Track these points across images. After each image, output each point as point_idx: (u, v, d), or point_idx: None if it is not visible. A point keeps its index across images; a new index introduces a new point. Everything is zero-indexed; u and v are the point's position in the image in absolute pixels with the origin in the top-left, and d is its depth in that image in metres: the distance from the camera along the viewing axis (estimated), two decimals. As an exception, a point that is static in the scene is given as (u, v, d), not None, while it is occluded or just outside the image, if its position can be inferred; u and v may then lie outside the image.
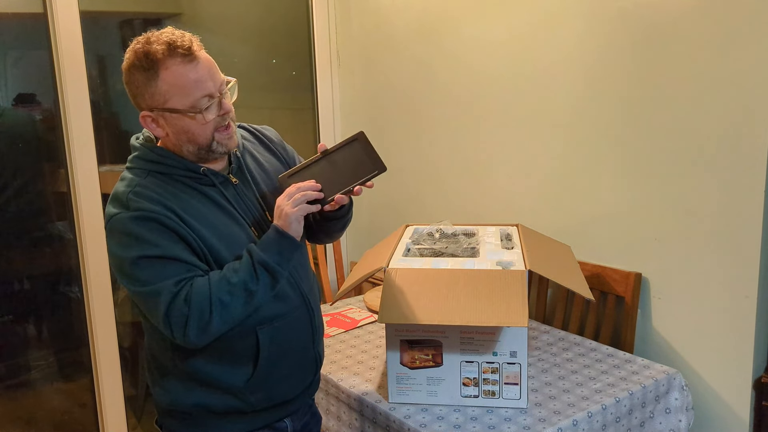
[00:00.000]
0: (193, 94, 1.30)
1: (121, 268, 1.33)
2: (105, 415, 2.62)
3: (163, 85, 1.30)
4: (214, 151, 1.38)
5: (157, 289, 1.30)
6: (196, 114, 1.32)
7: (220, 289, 1.31)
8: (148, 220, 1.31)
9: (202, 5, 3.06)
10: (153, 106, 1.33)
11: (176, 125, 1.34)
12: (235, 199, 1.44)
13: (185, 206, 1.35)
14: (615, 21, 2.06)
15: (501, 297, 1.56)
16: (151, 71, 1.29)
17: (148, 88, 1.31)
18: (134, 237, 1.30)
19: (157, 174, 1.38)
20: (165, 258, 1.31)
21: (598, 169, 2.18)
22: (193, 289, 1.31)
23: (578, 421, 1.61)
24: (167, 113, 1.33)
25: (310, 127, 3.26)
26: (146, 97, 1.32)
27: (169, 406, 1.48)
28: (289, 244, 1.37)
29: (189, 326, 1.30)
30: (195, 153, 1.39)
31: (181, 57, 1.28)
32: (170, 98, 1.31)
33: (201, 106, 1.32)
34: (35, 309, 2.68)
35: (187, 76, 1.29)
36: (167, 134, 1.37)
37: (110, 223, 1.33)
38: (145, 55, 1.29)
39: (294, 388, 1.53)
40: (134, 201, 1.32)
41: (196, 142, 1.36)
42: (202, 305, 1.30)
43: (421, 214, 2.86)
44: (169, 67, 1.28)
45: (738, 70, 1.80)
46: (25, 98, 2.52)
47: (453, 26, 2.59)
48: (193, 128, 1.34)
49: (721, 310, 1.93)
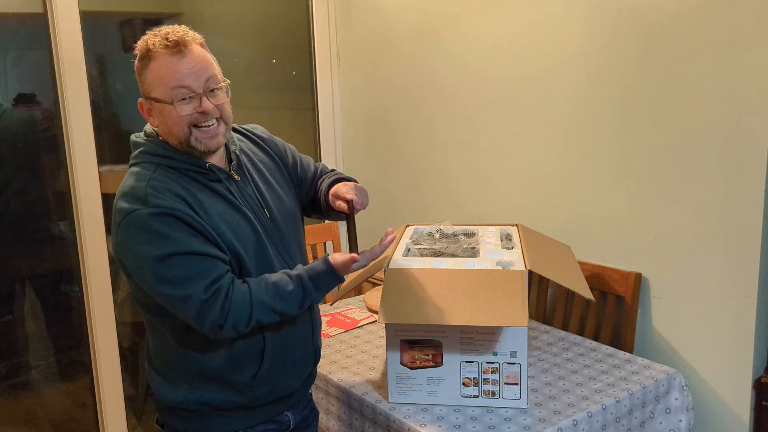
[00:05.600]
0: (169, 84, 1.35)
1: (143, 265, 1.34)
2: (105, 415, 2.62)
3: (150, 74, 1.37)
4: (193, 148, 1.40)
5: (187, 294, 1.33)
6: (168, 105, 1.36)
7: (260, 312, 1.38)
8: (167, 216, 1.32)
9: (202, 5, 3.06)
10: (144, 94, 1.41)
11: (160, 115, 1.39)
12: (238, 194, 1.47)
13: (197, 199, 1.38)
14: (615, 22, 2.06)
15: (501, 297, 1.56)
16: (146, 60, 1.37)
17: (141, 77, 1.39)
18: (156, 234, 1.31)
19: (166, 168, 1.40)
20: (188, 254, 1.33)
21: (598, 169, 2.18)
22: (233, 302, 1.35)
23: (578, 421, 1.61)
24: (153, 102, 1.39)
25: (310, 127, 3.26)
26: (141, 85, 1.40)
27: (172, 404, 1.49)
28: (338, 281, 1.45)
29: (224, 331, 1.36)
30: (178, 146, 1.41)
31: (169, 49, 1.34)
32: (154, 87, 1.37)
33: (175, 98, 1.35)
34: (35, 309, 2.68)
35: (168, 66, 1.34)
36: (158, 124, 1.42)
37: (126, 219, 1.33)
38: (144, 45, 1.37)
39: (295, 381, 1.57)
40: (152, 196, 1.33)
41: (174, 134, 1.40)
42: (239, 320, 1.36)
43: (421, 214, 2.86)
44: (157, 58, 1.35)
45: (738, 71, 1.80)
46: (25, 98, 2.52)
47: (453, 26, 2.59)
48: (169, 120, 1.38)
49: (721, 310, 1.93)
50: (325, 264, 1.43)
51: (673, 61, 1.94)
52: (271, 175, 1.59)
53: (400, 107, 2.91)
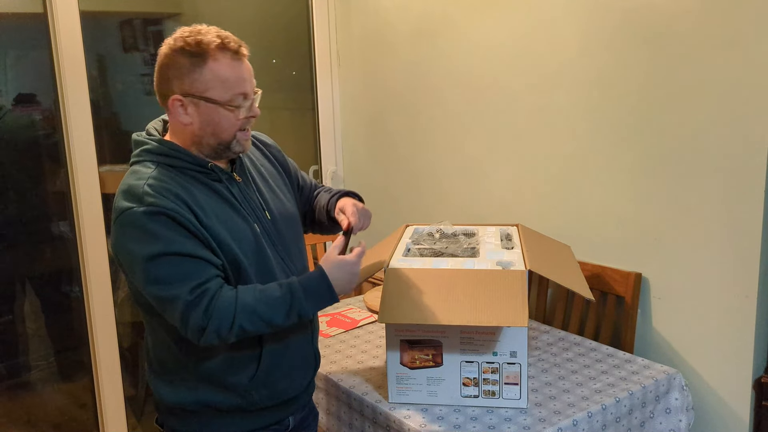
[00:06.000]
0: (233, 90, 1.37)
1: (134, 264, 1.34)
2: (105, 415, 2.62)
3: (209, 74, 1.35)
4: (231, 149, 1.43)
5: (173, 295, 1.32)
6: (233, 109, 1.38)
7: (244, 317, 1.35)
8: (160, 215, 1.32)
9: (202, 5, 3.06)
10: (189, 92, 1.36)
11: (207, 115, 1.38)
12: (239, 195, 1.47)
13: (196, 199, 1.38)
14: (616, 23, 2.06)
15: (501, 297, 1.56)
16: (199, 58, 1.34)
17: (192, 74, 1.35)
18: (148, 233, 1.32)
19: (167, 167, 1.40)
20: (178, 255, 1.32)
21: (598, 170, 2.18)
22: (217, 305, 1.33)
23: (578, 421, 1.61)
24: (202, 102, 1.37)
25: (310, 127, 3.26)
26: (186, 81, 1.36)
27: (172, 404, 1.49)
28: (331, 297, 1.42)
29: (206, 335, 1.34)
30: (213, 147, 1.42)
31: (231, 53, 1.36)
32: (211, 88, 1.36)
33: (237, 103, 1.38)
34: (35, 309, 2.68)
35: (232, 70, 1.36)
36: (191, 123, 1.39)
37: (122, 217, 1.34)
38: (197, 43, 1.34)
39: (296, 386, 1.56)
40: (149, 195, 1.33)
41: (219, 136, 1.40)
42: (222, 323, 1.34)
43: (421, 214, 2.86)
44: (218, 59, 1.35)
45: (738, 71, 1.80)
46: (25, 98, 2.52)
47: (453, 26, 2.59)
48: (222, 122, 1.39)
49: (721, 310, 1.93)
50: (317, 268, 1.44)
51: (672, 62, 1.94)
52: (272, 179, 1.60)
53: (400, 107, 2.91)
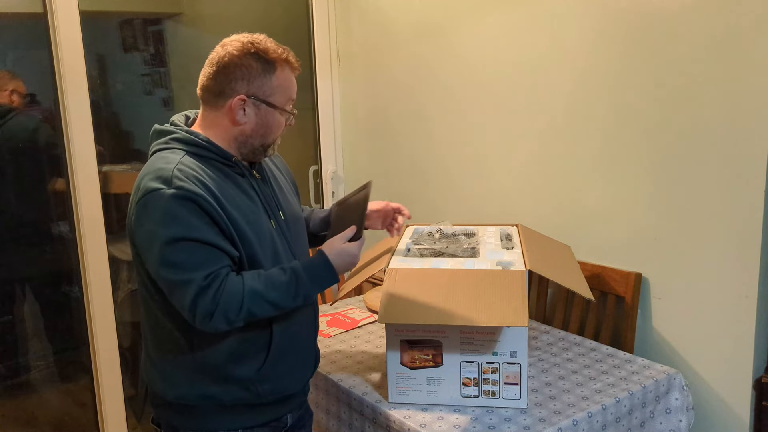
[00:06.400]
0: (290, 97, 1.51)
1: (152, 244, 1.36)
2: (105, 415, 2.62)
3: (276, 80, 1.46)
4: (266, 151, 1.53)
5: (186, 279, 1.35)
6: (281, 112, 1.49)
7: (253, 301, 1.39)
8: (187, 200, 1.35)
9: (202, 5, 3.07)
10: (255, 94, 1.45)
11: (264, 118, 1.48)
12: (259, 191, 1.52)
13: (221, 189, 1.42)
14: (616, 20, 2.06)
15: (501, 297, 1.56)
16: (269, 65, 1.45)
17: (261, 78, 1.45)
18: (172, 216, 1.34)
19: (195, 156, 1.44)
20: (198, 241, 1.36)
21: (598, 169, 2.18)
22: (225, 290, 1.37)
23: (578, 421, 1.61)
24: (264, 105, 1.46)
25: (310, 127, 3.26)
26: (254, 84, 1.45)
27: (172, 399, 1.50)
28: (333, 279, 1.49)
29: (214, 320, 1.38)
30: (254, 148, 1.50)
31: (291, 65, 1.50)
32: (275, 93, 1.47)
33: (289, 110, 1.52)
34: (35, 309, 2.68)
35: (291, 81, 1.51)
36: (246, 122, 1.47)
37: (147, 197, 1.36)
38: (265, 51, 1.45)
39: (297, 383, 1.59)
40: (178, 179, 1.36)
41: (266, 138, 1.50)
42: (230, 307, 1.38)
43: (421, 214, 2.86)
44: (284, 69, 1.48)
45: (738, 70, 1.80)
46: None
47: (453, 26, 2.59)
48: (274, 125, 1.50)
49: (721, 310, 1.93)
50: (319, 254, 1.49)
51: (673, 61, 1.94)
52: (282, 182, 1.67)
53: (400, 107, 2.91)
